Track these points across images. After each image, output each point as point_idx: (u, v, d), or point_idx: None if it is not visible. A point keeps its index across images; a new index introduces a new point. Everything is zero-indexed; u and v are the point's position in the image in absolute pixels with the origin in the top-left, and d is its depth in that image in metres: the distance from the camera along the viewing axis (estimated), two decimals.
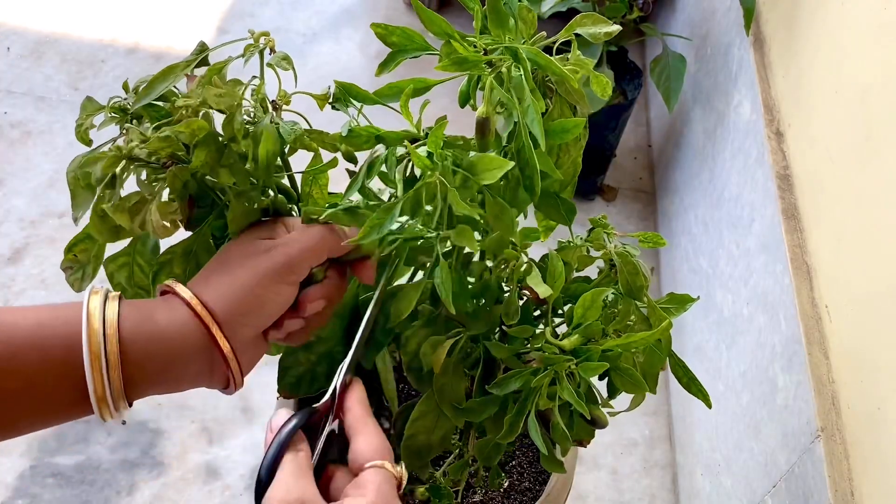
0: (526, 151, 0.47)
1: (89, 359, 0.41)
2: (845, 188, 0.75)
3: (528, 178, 0.48)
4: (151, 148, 0.46)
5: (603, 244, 0.51)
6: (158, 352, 0.43)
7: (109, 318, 0.42)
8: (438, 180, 0.45)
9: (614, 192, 1.59)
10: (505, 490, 0.74)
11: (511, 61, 0.46)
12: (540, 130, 0.45)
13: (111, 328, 0.42)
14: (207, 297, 0.45)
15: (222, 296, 0.45)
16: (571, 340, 0.47)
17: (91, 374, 0.41)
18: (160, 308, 0.45)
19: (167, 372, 0.44)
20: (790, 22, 0.98)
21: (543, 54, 0.46)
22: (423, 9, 0.46)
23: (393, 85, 0.49)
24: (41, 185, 1.53)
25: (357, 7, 1.99)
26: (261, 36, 0.49)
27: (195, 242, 0.52)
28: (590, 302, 0.47)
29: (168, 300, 0.46)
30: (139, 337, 0.43)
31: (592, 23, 0.48)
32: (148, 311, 0.44)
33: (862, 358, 0.68)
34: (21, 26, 1.86)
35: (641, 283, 0.49)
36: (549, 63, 0.46)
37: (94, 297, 0.43)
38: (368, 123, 0.51)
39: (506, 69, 0.46)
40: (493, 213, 0.48)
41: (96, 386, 0.41)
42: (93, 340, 0.41)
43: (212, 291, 0.45)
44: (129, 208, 0.47)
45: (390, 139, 0.49)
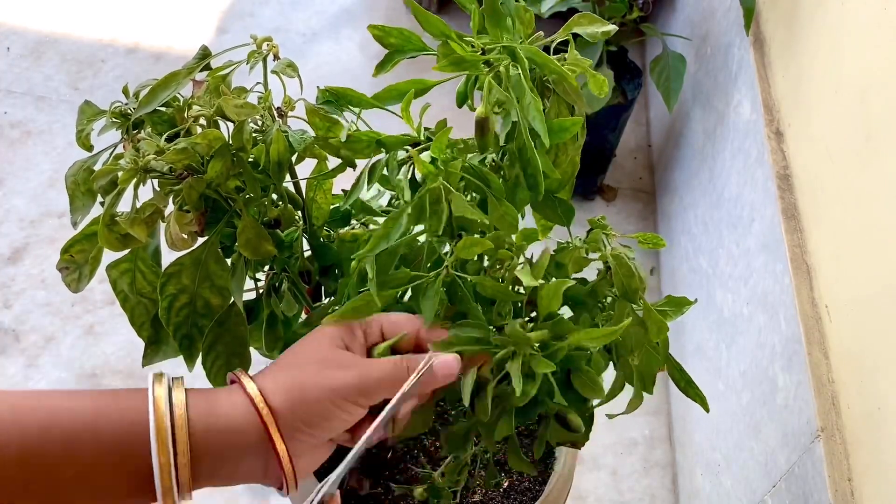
0: (527, 151, 0.46)
1: (157, 450, 0.40)
2: (845, 188, 0.75)
3: (530, 178, 0.48)
4: (168, 160, 0.46)
5: (600, 246, 0.50)
6: (216, 445, 0.42)
7: (177, 407, 0.41)
8: (442, 185, 0.45)
9: (614, 192, 1.59)
10: (505, 490, 0.74)
11: (509, 61, 0.46)
12: (543, 127, 0.45)
13: (180, 418, 0.41)
14: (272, 397, 0.43)
15: (289, 399, 0.43)
16: (538, 333, 0.47)
17: (158, 466, 0.40)
18: (223, 399, 0.44)
19: (223, 466, 0.43)
20: (790, 22, 0.98)
21: (541, 53, 0.46)
22: (419, 10, 0.46)
23: (392, 88, 0.49)
24: (41, 185, 1.54)
25: (357, 7, 1.99)
26: (263, 41, 0.49)
27: (204, 252, 0.51)
28: (553, 291, 0.47)
29: (232, 391, 0.44)
30: (199, 428, 0.42)
31: (589, 22, 0.49)
32: (211, 402, 0.43)
33: (862, 358, 0.68)
34: (21, 26, 1.86)
35: (636, 285, 0.49)
36: (547, 61, 0.46)
37: (157, 384, 0.42)
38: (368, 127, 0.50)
39: (504, 68, 0.46)
40: (496, 215, 0.48)
41: (163, 478, 0.40)
42: (160, 431, 0.40)
43: (278, 391, 0.43)
44: (144, 220, 0.47)
45: (391, 144, 0.49)
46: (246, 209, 0.50)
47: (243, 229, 0.50)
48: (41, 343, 1.31)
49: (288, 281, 0.58)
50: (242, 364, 0.56)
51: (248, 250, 0.51)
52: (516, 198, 0.49)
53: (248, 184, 0.50)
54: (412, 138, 0.49)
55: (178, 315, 0.52)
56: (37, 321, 1.34)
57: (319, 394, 0.43)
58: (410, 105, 0.47)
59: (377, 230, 0.45)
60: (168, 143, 0.47)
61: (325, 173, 0.55)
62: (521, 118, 0.46)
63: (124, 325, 1.33)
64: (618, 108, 1.42)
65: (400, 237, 0.46)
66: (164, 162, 0.46)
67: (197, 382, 0.46)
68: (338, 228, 0.62)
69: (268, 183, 0.51)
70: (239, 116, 0.47)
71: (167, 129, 0.50)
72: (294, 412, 0.43)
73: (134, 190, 0.47)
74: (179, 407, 0.41)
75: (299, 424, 0.43)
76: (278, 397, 0.43)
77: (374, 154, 0.50)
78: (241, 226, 0.50)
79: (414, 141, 0.49)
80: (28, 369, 1.28)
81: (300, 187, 0.57)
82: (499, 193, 0.47)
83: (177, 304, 0.52)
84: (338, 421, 0.44)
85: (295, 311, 0.58)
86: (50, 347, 1.31)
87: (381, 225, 0.45)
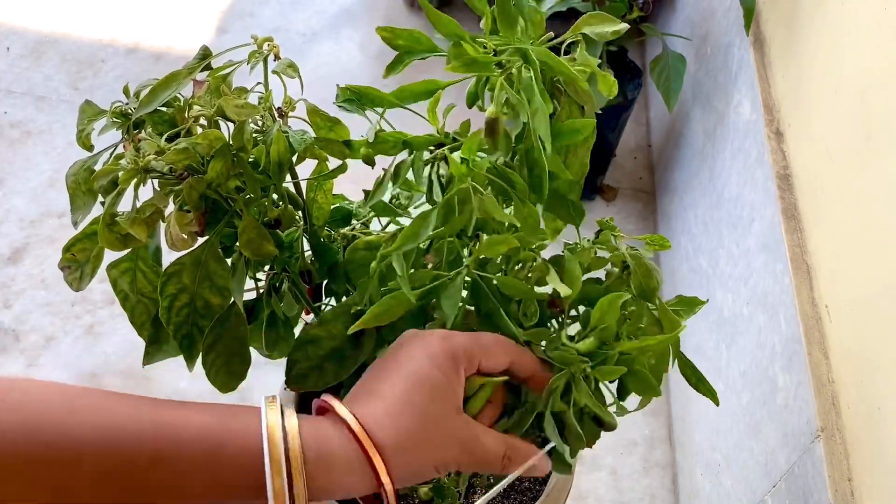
0: (535, 152, 0.47)
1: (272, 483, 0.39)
2: (845, 188, 0.75)
3: (536, 178, 0.48)
4: (169, 160, 0.46)
5: (614, 246, 0.51)
6: (321, 473, 0.41)
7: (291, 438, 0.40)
8: (472, 186, 0.45)
9: (614, 192, 1.59)
10: (505, 490, 0.74)
11: (521, 62, 0.46)
12: (546, 131, 0.45)
13: (294, 451, 0.40)
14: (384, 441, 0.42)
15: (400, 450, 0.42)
16: (587, 343, 0.47)
17: (273, 495, 0.39)
18: (330, 429, 0.42)
19: (325, 492, 0.42)
20: (790, 22, 0.98)
21: (553, 56, 0.46)
22: (432, 10, 0.46)
23: (405, 88, 0.49)
24: (41, 184, 1.54)
25: (357, 7, 1.99)
26: (264, 42, 0.49)
27: (204, 252, 0.51)
28: (607, 306, 0.47)
29: (337, 426, 0.42)
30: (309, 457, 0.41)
31: (599, 22, 0.48)
32: (323, 434, 0.42)
33: (862, 358, 0.68)
34: (21, 26, 1.86)
35: (655, 285, 0.49)
36: (559, 65, 0.46)
37: (270, 411, 0.41)
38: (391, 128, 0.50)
39: (516, 70, 0.46)
40: (519, 216, 0.48)
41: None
42: (275, 461, 0.39)
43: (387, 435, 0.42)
44: (144, 220, 0.47)
45: (417, 144, 0.49)
46: (246, 209, 0.50)
47: (244, 229, 0.50)
48: (41, 343, 1.31)
49: (288, 281, 0.58)
50: (242, 363, 0.56)
51: (248, 250, 0.51)
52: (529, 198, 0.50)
53: (248, 184, 0.50)
54: (437, 139, 0.49)
55: (178, 315, 0.52)
56: (37, 321, 1.34)
57: (431, 461, 0.43)
58: (437, 105, 0.47)
59: (405, 229, 0.45)
60: (168, 144, 0.47)
61: (325, 174, 0.55)
62: (530, 120, 0.46)
63: (124, 325, 1.33)
64: (618, 108, 1.42)
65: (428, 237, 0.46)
66: (164, 162, 0.46)
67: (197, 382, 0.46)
68: (338, 228, 0.62)
69: (268, 183, 0.51)
70: (239, 116, 0.47)
71: (168, 130, 0.50)
72: (402, 466, 0.42)
73: (134, 190, 0.47)
74: (294, 436, 0.40)
75: (403, 473, 0.43)
76: (390, 441, 0.42)
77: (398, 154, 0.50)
78: (242, 226, 0.50)
79: (439, 141, 0.49)
80: (28, 369, 1.28)
81: (300, 187, 0.57)
82: (522, 194, 0.47)
83: (177, 303, 0.52)
84: (434, 475, 0.45)
85: (295, 311, 0.58)
86: (50, 347, 1.31)
87: (410, 224, 0.45)
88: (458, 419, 0.44)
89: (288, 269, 0.58)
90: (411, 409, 0.43)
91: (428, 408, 0.43)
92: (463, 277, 0.48)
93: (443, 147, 0.48)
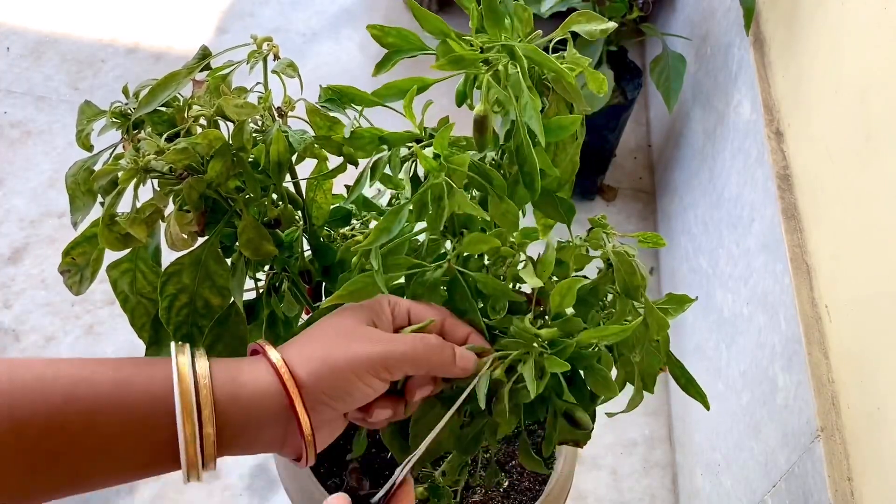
0: (524, 149, 0.47)
1: (183, 419, 0.40)
2: (845, 188, 0.75)
3: (527, 175, 0.48)
4: (169, 160, 0.46)
5: (601, 244, 0.51)
6: (240, 414, 0.42)
7: (202, 376, 0.41)
8: (445, 181, 0.45)
9: (614, 192, 1.59)
10: (505, 490, 0.74)
11: (507, 59, 0.46)
12: (539, 126, 0.45)
13: (205, 388, 0.41)
14: (297, 367, 0.43)
15: (313, 370, 0.43)
16: (549, 331, 0.47)
17: (184, 436, 0.40)
18: (245, 368, 0.44)
19: (244, 435, 0.43)
20: (790, 22, 0.98)
21: (539, 51, 0.46)
22: (418, 8, 0.46)
23: (391, 85, 0.49)
24: (41, 185, 1.54)
25: (357, 7, 1.99)
26: (264, 41, 0.49)
27: (204, 252, 0.51)
28: (565, 290, 0.47)
29: (255, 361, 0.44)
30: (223, 397, 0.42)
31: (588, 20, 0.49)
32: (234, 372, 0.43)
33: (862, 358, 0.68)
34: (21, 26, 1.86)
35: (638, 282, 0.49)
36: (545, 60, 0.46)
37: (180, 354, 0.42)
38: (370, 125, 0.51)
39: (502, 67, 0.46)
40: (497, 212, 0.48)
41: (188, 448, 0.40)
42: (185, 400, 0.40)
43: (303, 362, 0.44)
44: (144, 220, 0.47)
45: (393, 140, 0.49)
46: (246, 209, 0.50)
47: (244, 229, 0.50)
48: (41, 343, 1.31)
49: (288, 281, 0.58)
50: None
51: (248, 250, 0.51)
52: (516, 196, 0.49)
53: (248, 184, 0.50)
54: (415, 135, 0.49)
55: (178, 315, 0.52)
56: (37, 321, 1.34)
57: (344, 366, 0.43)
58: (413, 102, 0.47)
59: (378, 223, 0.45)
60: (168, 143, 0.47)
61: (325, 173, 0.55)
62: (518, 117, 0.46)
63: (124, 325, 1.33)
64: (618, 108, 1.42)
65: (401, 232, 0.46)
66: (164, 162, 0.46)
67: None
68: (338, 228, 0.62)
69: (268, 183, 0.51)
70: (239, 116, 0.47)
71: (167, 129, 0.50)
72: (318, 383, 0.43)
73: (134, 190, 0.47)
74: (204, 377, 0.41)
75: (322, 396, 0.43)
76: (303, 368, 0.43)
77: (376, 151, 0.50)
78: (242, 226, 0.50)
79: (416, 138, 0.49)
80: None
81: (300, 187, 0.57)
82: (500, 190, 0.47)
83: (177, 303, 0.52)
84: (360, 394, 0.44)
85: (296, 311, 0.58)
86: (50, 347, 1.31)
87: (383, 219, 0.45)
88: (369, 328, 0.46)
89: (288, 269, 0.58)
90: (320, 335, 0.45)
91: (338, 325, 0.45)
92: (443, 272, 0.48)
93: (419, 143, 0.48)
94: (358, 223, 0.63)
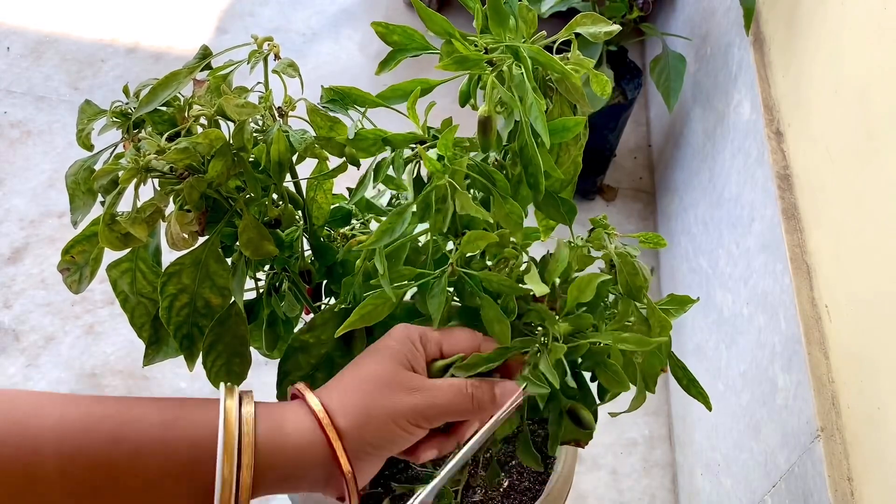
0: (529, 149, 0.47)
1: (223, 462, 0.40)
2: (845, 188, 0.75)
3: (531, 176, 0.48)
4: (169, 160, 0.46)
5: (603, 244, 0.51)
6: (282, 461, 0.43)
7: (247, 423, 0.42)
8: (448, 183, 0.45)
9: (614, 192, 1.59)
10: (505, 490, 0.74)
11: (512, 60, 0.46)
12: (544, 126, 0.45)
13: (248, 435, 0.41)
14: (339, 418, 0.44)
15: (354, 421, 0.44)
16: (562, 326, 0.47)
17: (221, 478, 0.40)
18: (290, 416, 0.44)
19: (286, 480, 0.43)
20: (790, 22, 0.98)
21: (544, 52, 0.46)
22: (423, 8, 0.46)
23: (396, 87, 0.49)
24: (41, 184, 1.54)
25: (357, 7, 1.99)
26: (264, 41, 0.49)
27: (205, 251, 0.51)
28: (585, 284, 0.47)
29: (298, 409, 0.45)
30: (267, 444, 0.42)
31: (592, 22, 0.49)
32: (279, 419, 0.44)
33: (862, 358, 0.68)
34: (21, 26, 1.86)
35: (641, 283, 0.49)
36: (550, 61, 0.46)
37: (229, 398, 0.43)
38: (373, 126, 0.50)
39: (507, 68, 0.46)
40: (500, 213, 0.48)
41: (224, 491, 0.40)
42: (229, 446, 0.41)
43: (345, 414, 0.44)
44: (145, 219, 0.47)
45: (397, 142, 0.49)
46: (247, 209, 0.50)
47: (244, 229, 0.50)
48: (41, 343, 1.31)
49: (288, 281, 0.58)
50: (243, 363, 0.56)
51: (249, 250, 0.51)
52: (519, 196, 0.49)
53: (248, 183, 0.50)
54: (418, 136, 0.49)
55: (178, 315, 0.52)
56: (37, 321, 1.34)
57: (385, 417, 0.44)
58: (416, 103, 0.47)
59: (381, 224, 0.45)
60: (169, 143, 0.46)
61: (325, 173, 0.55)
62: (523, 118, 0.46)
63: (124, 325, 1.33)
64: (618, 108, 1.42)
65: (404, 233, 0.46)
66: (164, 161, 0.46)
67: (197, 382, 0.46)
68: (338, 228, 0.62)
69: (268, 183, 0.51)
70: (240, 116, 0.47)
71: (168, 129, 0.50)
72: (360, 435, 0.44)
73: (134, 189, 0.47)
74: (248, 423, 0.42)
75: (364, 446, 0.44)
76: (344, 419, 0.44)
77: (379, 152, 0.50)
78: (242, 225, 0.50)
79: (420, 139, 0.49)
80: (28, 369, 1.28)
81: (301, 187, 0.57)
82: (503, 191, 0.47)
83: (177, 303, 0.52)
84: (402, 441, 0.45)
85: (296, 311, 0.58)
86: (50, 347, 1.31)
87: (386, 219, 0.45)
88: (407, 374, 0.46)
89: (288, 269, 0.58)
90: (360, 383, 0.45)
91: (376, 373, 0.45)
92: (447, 276, 0.48)
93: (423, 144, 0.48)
94: (358, 223, 0.63)
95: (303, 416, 0.44)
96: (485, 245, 0.46)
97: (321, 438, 0.43)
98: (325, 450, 0.43)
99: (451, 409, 0.46)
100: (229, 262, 0.53)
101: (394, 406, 0.44)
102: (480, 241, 0.46)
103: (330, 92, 0.51)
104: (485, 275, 0.48)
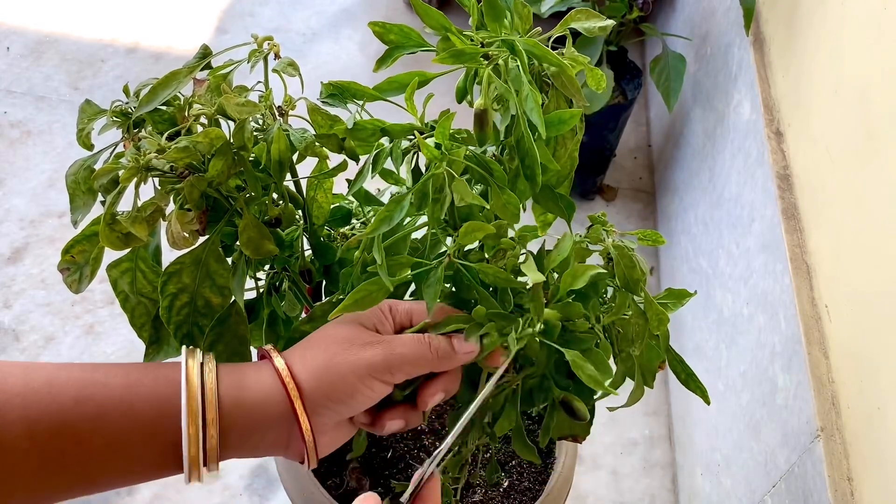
0: (525, 141, 0.47)
1: (188, 420, 0.41)
2: (845, 188, 0.75)
3: (528, 168, 0.48)
4: (170, 159, 0.46)
5: (601, 239, 0.51)
6: (243, 417, 0.43)
7: (208, 380, 0.42)
8: (445, 171, 0.45)
9: (614, 192, 1.59)
10: (505, 490, 0.74)
11: (508, 54, 0.46)
12: (539, 118, 0.45)
13: (210, 391, 0.42)
14: (299, 373, 0.44)
15: (314, 375, 0.44)
16: (550, 312, 0.47)
17: (187, 436, 0.41)
18: (251, 373, 0.45)
19: (248, 438, 0.44)
20: (790, 22, 0.98)
21: (540, 45, 0.46)
22: (421, 4, 0.46)
23: (392, 79, 0.49)
24: (41, 184, 1.54)
25: (357, 7, 1.99)
26: (265, 41, 0.49)
27: (205, 251, 0.51)
28: (580, 272, 0.47)
29: (260, 367, 0.45)
30: (228, 401, 0.43)
31: (586, 17, 0.49)
32: (240, 376, 0.44)
33: (862, 358, 0.68)
34: (21, 26, 1.86)
35: (638, 276, 0.49)
36: (546, 53, 0.46)
37: (190, 358, 0.43)
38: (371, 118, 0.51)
39: (503, 61, 0.46)
40: (498, 204, 0.48)
41: (191, 448, 0.41)
42: (192, 402, 0.41)
43: (305, 368, 0.45)
44: (145, 218, 0.47)
45: (395, 132, 0.49)
46: (247, 208, 0.50)
47: (244, 228, 0.50)
48: (41, 343, 1.31)
49: (288, 280, 0.58)
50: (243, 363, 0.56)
51: (249, 249, 0.51)
52: (517, 190, 0.49)
53: (249, 182, 0.50)
54: (416, 127, 0.49)
55: (178, 314, 0.52)
56: (37, 321, 1.34)
57: (345, 370, 0.44)
58: (414, 94, 0.47)
59: (379, 212, 0.45)
60: (169, 142, 0.47)
61: (325, 172, 0.55)
62: (519, 110, 0.46)
63: (124, 325, 1.33)
64: (618, 108, 1.42)
65: (401, 225, 0.46)
66: (165, 160, 0.46)
67: None
68: (338, 227, 0.62)
69: (269, 182, 0.51)
70: (240, 115, 0.47)
71: (168, 128, 0.50)
72: (320, 388, 0.44)
73: (135, 189, 0.47)
74: (210, 380, 0.43)
75: (324, 400, 0.44)
76: (305, 373, 0.44)
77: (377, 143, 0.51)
78: (243, 224, 0.50)
79: (418, 129, 0.49)
80: None
81: (301, 186, 0.57)
82: (501, 182, 0.47)
83: (177, 303, 0.52)
84: (362, 397, 0.45)
85: (296, 310, 0.58)
86: (50, 347, 1.31)
87: (384, 207, 0.45)
88: (369, 332, 0.46)
89: (288, 269, 0.58)
90: (323, 342, 0.46)
91: (340, 332, 0.46)
92: (444, 267, 0.48)
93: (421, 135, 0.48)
94: (358, 223, 0.63)
95: (265, 373, 0.45)
96: (482, 236, 0.46)
97: (281, 393, 0.44)
98: (286, 405, 0.43)
99: (411, 358, 0.45)
100: (229, 261, 0.53)
101: (356, 359, 0.44)
102: (478, 232, 0.46)
103: (329, 87, 0.51)
104: (481, 266, 0.48)
